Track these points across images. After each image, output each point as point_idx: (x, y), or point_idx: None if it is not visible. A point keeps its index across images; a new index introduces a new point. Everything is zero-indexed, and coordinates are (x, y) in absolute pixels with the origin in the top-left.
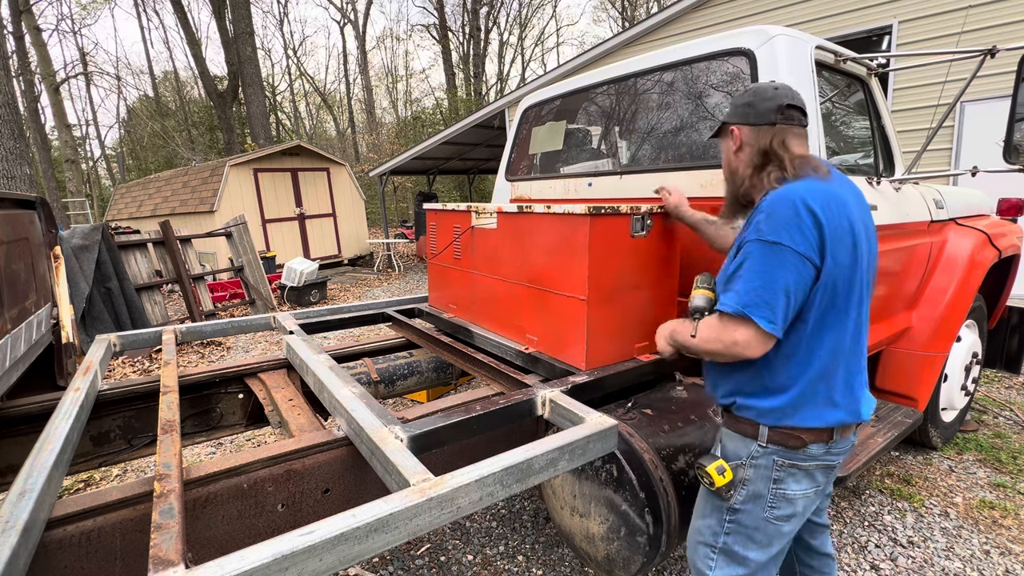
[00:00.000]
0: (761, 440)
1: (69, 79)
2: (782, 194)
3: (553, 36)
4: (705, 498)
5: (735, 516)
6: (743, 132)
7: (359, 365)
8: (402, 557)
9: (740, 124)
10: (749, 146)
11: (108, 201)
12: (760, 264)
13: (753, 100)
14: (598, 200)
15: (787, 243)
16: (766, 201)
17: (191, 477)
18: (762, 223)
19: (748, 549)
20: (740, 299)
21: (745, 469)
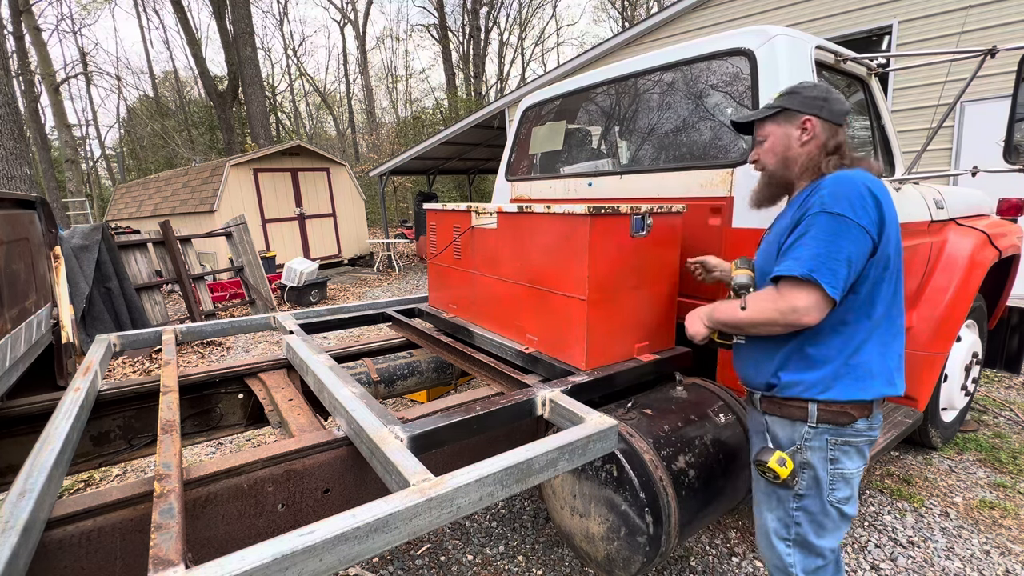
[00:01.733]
0: (811, 421)
1: (69, 79)
2: (846, 176)
3: (553, 36)
4: (767, 493)
5: (801, 503)
6: (816, 125)
7: (359, 365)
8: (402, 557)
9: (815, 116)
10: (818, 139)
11: (108, 201)
12: (825, 233)
13: (828, 98)
14: (598, 200)
15: (851, 216)
16: (829, 179)
17: (191, 477)
18: (827, 197)
19: (821, 537)
20: (804, 264)
21: (802, 453)
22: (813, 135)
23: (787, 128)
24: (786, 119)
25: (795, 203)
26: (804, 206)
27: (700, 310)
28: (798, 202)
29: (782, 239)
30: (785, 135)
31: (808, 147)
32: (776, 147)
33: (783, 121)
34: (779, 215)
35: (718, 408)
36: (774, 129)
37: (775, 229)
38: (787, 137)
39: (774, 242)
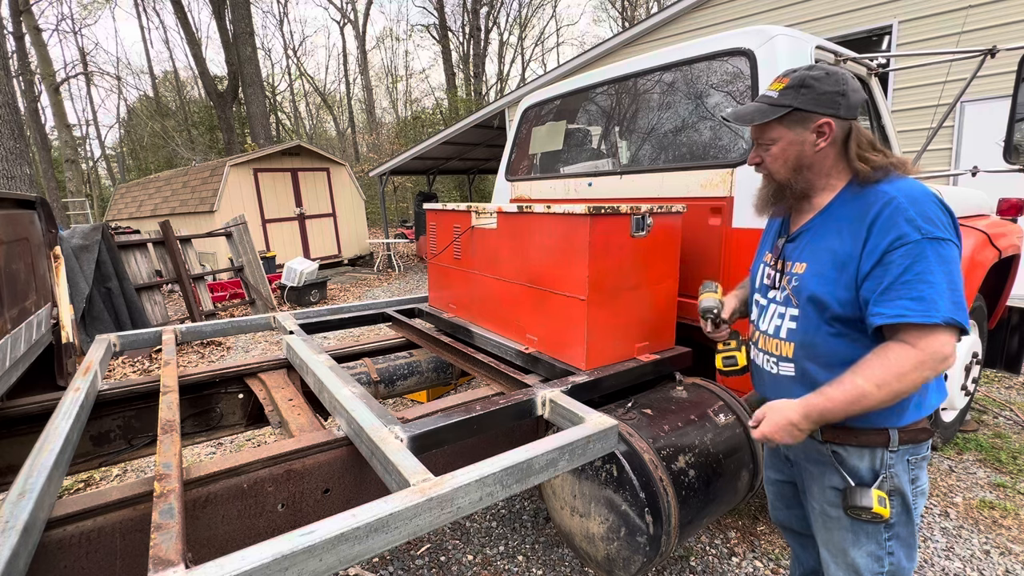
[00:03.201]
0: (892, 445)
1: (69, 79)
2: (916, 190)
3: (553, 36)
4: (851, 531)
5: (893, 531)
6: (835, 126)
7: (359, 365)
8: (402, 557)
9: (832, 116)
10: (837, 141)
11: (108, 201)
12: (939, 264)
13: (846, 91)
14: (598, 200)
15: (950, 237)
16: (900, 195)
17: (191, 477)
18: (918, 220)
19: (911, 560)
20: (941, 309)
21: (889, 481)
22: (831, 137)
23: (799, 132)
24: (798, 121)
25: (840, 215)
26: (878, 228)
27: (784, 412)
28: (848, 214)
29: (856, 267)
30: (798, 141)
31: (827, 150)
32: (787, 155)
33: (794, 124)
34: (809, 224)
35: (718, 408)
36: (784, 133)
37: (823, 246)
38: (800, 143)
39: (832, 263)
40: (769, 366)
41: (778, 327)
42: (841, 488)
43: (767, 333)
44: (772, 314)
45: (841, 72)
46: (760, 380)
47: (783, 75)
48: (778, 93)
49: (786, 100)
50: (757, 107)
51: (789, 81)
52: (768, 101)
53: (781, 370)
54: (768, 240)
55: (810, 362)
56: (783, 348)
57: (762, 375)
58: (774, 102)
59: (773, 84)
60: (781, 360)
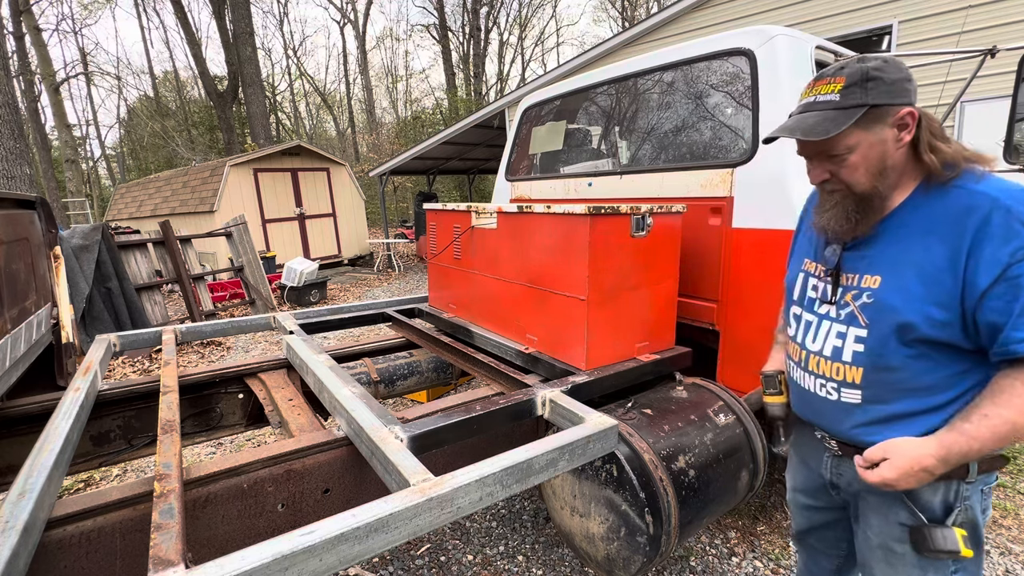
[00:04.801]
0: (971, 476)
1: (69, 79)
2: (1018, 190)
3: (553, 36)
4: (918, 566)
5: (961, 563)
6: (915, 115)
7: (359, 365)
8: (402, 557)
9: (909, 105)
10: (910, 133)
11: (108, 201)
12: None
13: (910, 75)
14: (598, 200)
15: None
16: (1007, 198)
17: (191, 477)
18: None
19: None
20: None
21: (963, 513)
22: (913, 129)
23: (879, 131)
24: (875, 119)
25: (919, 219)
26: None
27: (915, 455)
28: (931, 218)
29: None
30: (879, 141)
31: (904, 146)
32: (871, 161)
33: (871, 123)
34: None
35: (718, 408)
36: (862, 137)
37: (904, 257)
38: (882, 144)
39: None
40: (824, 391)
41: (838, 348)
42: (910, 524)
43: (821, 355)
44: (826, 333)
45: (893, 58)
46: (807, 405)
47: (828, 75)
48: (839, 94)
49: (855, 99)
50: (822, 116)
51: (847, 78)
52: (833, 106)
53: (843, 396)
54: (806, 245)
55: (884, 388)
56: (847, 373)
57: (811, 400)
58: (842, 105)
59: (821, 87)
60: (844, 386)
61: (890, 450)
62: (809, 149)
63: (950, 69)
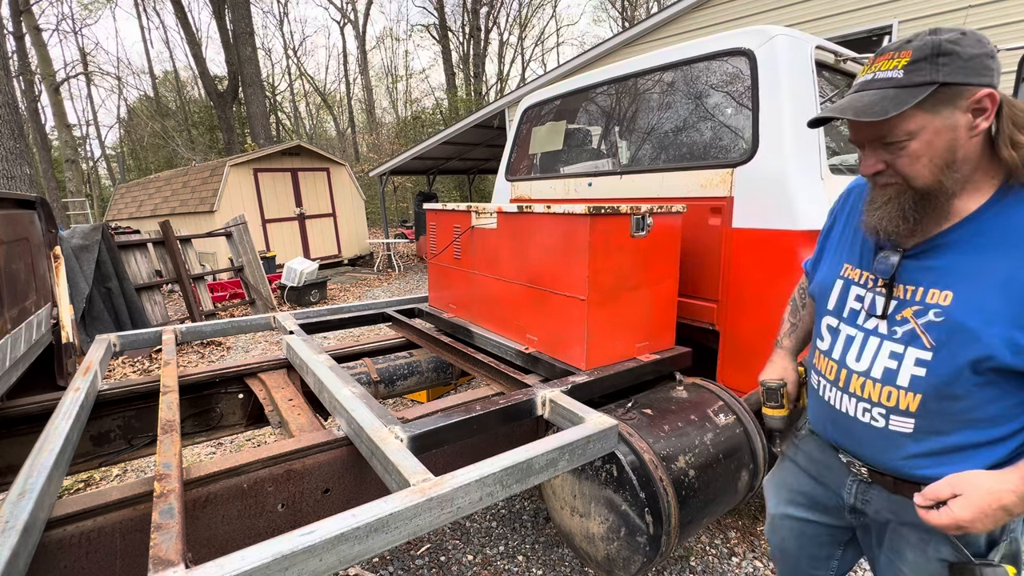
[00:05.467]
0: None
1: (69, 79)
2: None
3: (553, 36)
4: None
5: None
6: (996, 99)
7: (359, 365)
8: (402, 557)
9: (989, 86)
10: (987, 120)
11: (108, 201)
12: None
13: (993, 52)
14: (598, 200)
15: None
16: None
17: (191, 477)
18: None
19: None
20: None
21: (1008, 546)
22: (993, 115)
23: (948, 116)
24: (944, 101)
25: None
26: None
27: (992, 493)
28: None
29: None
30: (948, 127)
31: (983, 133)
32: (936, 150)
33: (940, 105)
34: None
35: (718, 408)
36: (926, 121)
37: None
38: (952, 130)
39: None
40: (868, 417)
41: (891, 371)
42: (953, 561)
43: (868, 376)
44: (875, 352)
45: (972, 31)
46: (841, 428)
47: (892, 49)
48: (904, 70)
49: (923, 76)
50: (880, 95)
51: (914, 52)
52: (894, 83)
53: (892, 424)
54: (846, 247)
55: (942, 418)
56: (900, 398)
57: (847, 425)
58: (905, 82)
59: (882, 62)
60: (894, 412)
61: (960, 485)
62: (863, 134)
63: None
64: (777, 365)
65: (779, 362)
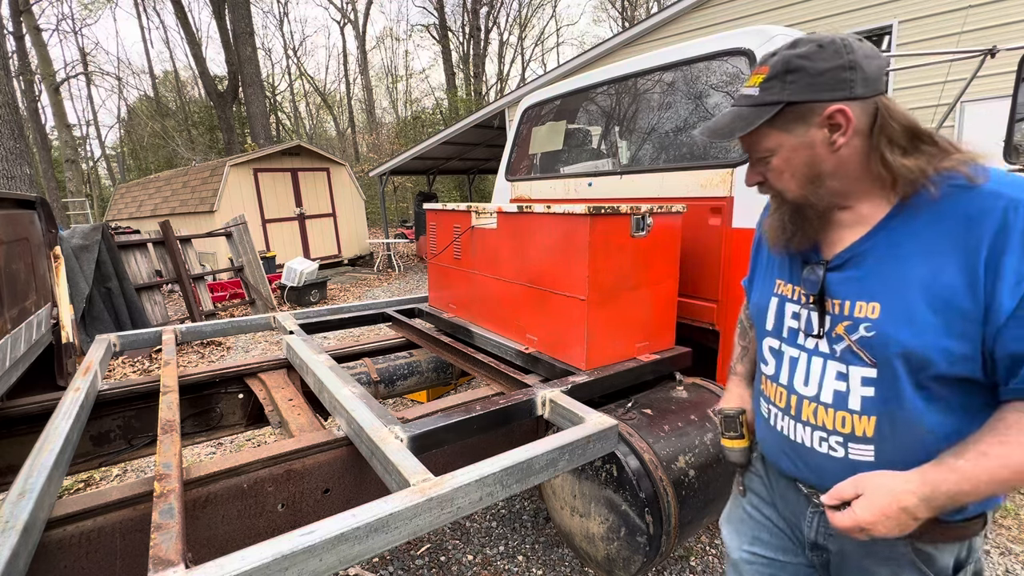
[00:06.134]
0: (987, 529)
1: (69, 79)
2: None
3: (553, 36)
4: None
5: None
6: (854, 112)
7: (359, 365)
8: (402, 557)
9: (845, 100)
10: (863, 130)
11: (108, 201)
12: None
13: (854, 61)
14: (598, 200)
15: None
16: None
17: (191, 477)
18: None
19: None
20: None
21: (973, 566)
22: (850, 129)
23: (802, 133)
24: (796, 119)
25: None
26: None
27: (893, 493)
28: (933, 228)
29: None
30: (804, 146)
31: (851, 147)
32: (795, 166)
33: (792, 123)
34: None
35: None
36: (782, 139)
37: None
38: (809, 148)
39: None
40: (826, 447)
41: (841, 394)
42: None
43: (818, 401)
44: (819, 374)
45: (839, 38)
46: (799, 460)
47: (760, 63)
48: (759, 88)
49: (772, 95)
50: (736, 113)
51: (770, 69)
52: (749, 102)
53: (852, 453)
54: (775, 262)
55: (904, 441)
56: (856, 423)
57: (804, 456)
58: (757, 101)
59: (751, 79)
60: (851, 440)
61: (863, 485)
62: (743, 148)
63: (950, 69)
64: (733, 393)
65: (735, 389)
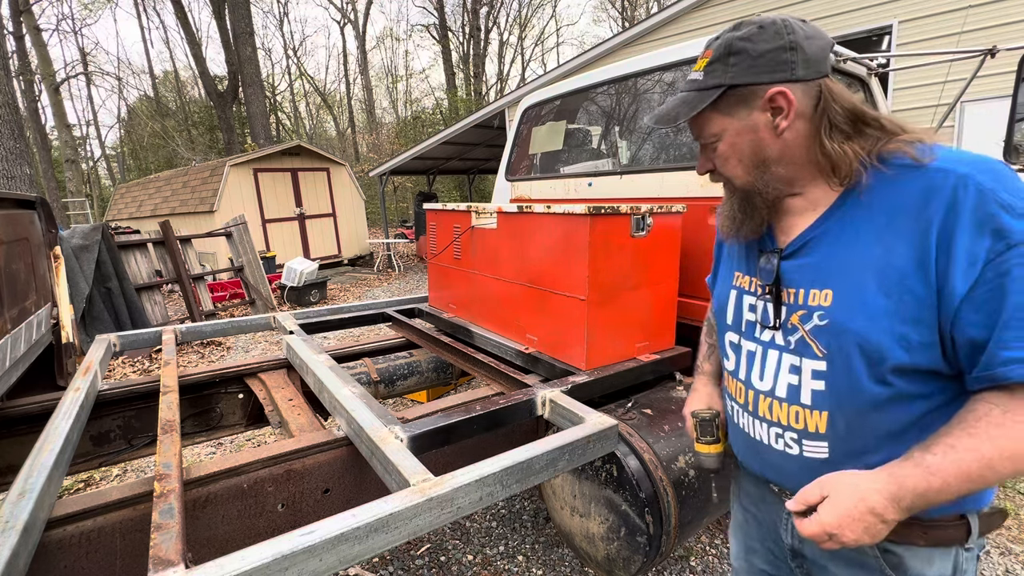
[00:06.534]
0: (971, 540)
1: (69, 79)
2: (986, 162)
3: (553, 36)
4: None
5: None
6: (795, 94)
7: (359, 365)
8: (402, 557)
9: (784, 82)
10: (806, 113)
11: (108, 201)
12: None
13: (794, 41)
14: (598, 200)
15: None
16: (976, 172)
17: (191, 477)
18: (1019, 204)
19: None
20: None
21: None
22: (792, 112)
23: (746, 117)
24: (739, 102)
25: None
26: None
27: (859, 495)
28: (883, 206)
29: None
30: (747, 128)
31: (795, 131)
32: (741, 151)
33: (735, 107)
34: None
35: None
36: (726, 123)
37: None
38: (752, 131)
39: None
40: (782, 444)
41: (794, 388)
42: None
43: (773, 396)
44: (775, 367)
45: (781, 20)
46: (760, 459)
47: (705, 47)
48: (703, 72)
49: (716, 78)
50: (682, 98)
51: (713, 52)
52: (694, 86)
53: (806, 450)
54: (735, 252)
55: (856, 437)
56: (808, 419)
57: (765, 454)
58: (701, 85)
59: (697, 63)
60: (805, 436)
61: (829, 486)
62: (692, 134)
63: (950, 69)
64: (702, 393)
65: (703, 389)
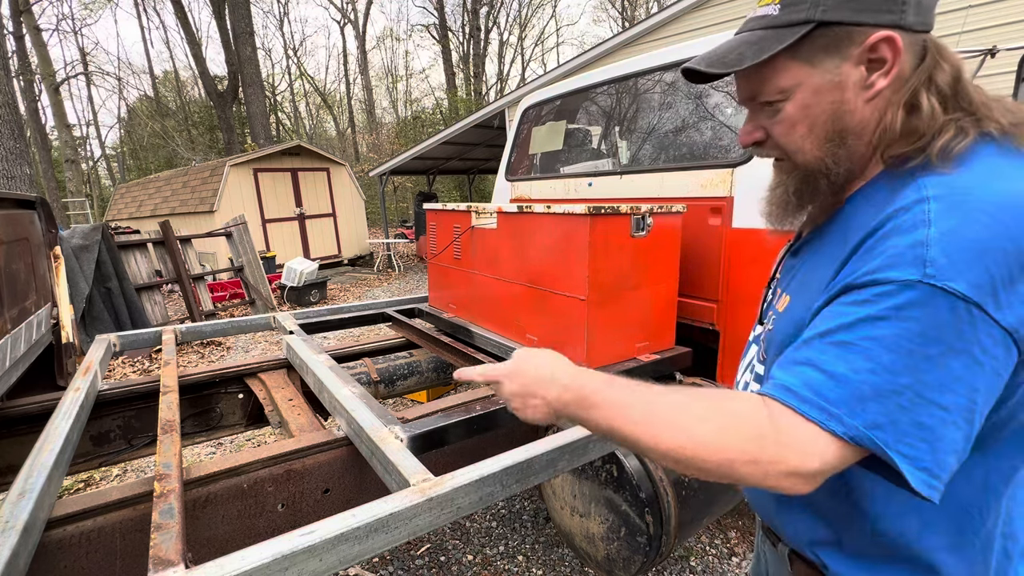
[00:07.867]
0: None
1: (69, 79)
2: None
3: (553, 36)
4: None
5: None
6: (901, 44)
7: (359, 365)
8: (402, 557)
9: (893, 27)
10: (902, 75)
11: (108, 201)
12: (912, 337)
13: None
14: (598, 200)
15: (988, 301)
16: (940, 200)
17: (191, 477)
18: (941, 248)
19: None
20: (851, 404)
21: None
22: (898, 69)
23: (833, 68)
24: (826, 47)
25: (852, 217)
26: (866, 247)
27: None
28: (861, 216)
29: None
30: (832, 86)
31: (883, 97)
32: (813, 116)
33: (820, 53)
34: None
35: None
36: (804, 75)
37: (815, 272)
38: (837, 89)
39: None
40: None
41: (747, 387)
42: None
43: None
44: (746, 363)
45: None
46: None
47: None
48: (780, 6)
49: (800, 12)
50: (744, 39)
51: None
52: (763, 24)
53: None
54: None
55: None
56: None
57: None
58: (775, 22)
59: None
60: None
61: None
62: (740, 91)
63: None
64: None
65: None
